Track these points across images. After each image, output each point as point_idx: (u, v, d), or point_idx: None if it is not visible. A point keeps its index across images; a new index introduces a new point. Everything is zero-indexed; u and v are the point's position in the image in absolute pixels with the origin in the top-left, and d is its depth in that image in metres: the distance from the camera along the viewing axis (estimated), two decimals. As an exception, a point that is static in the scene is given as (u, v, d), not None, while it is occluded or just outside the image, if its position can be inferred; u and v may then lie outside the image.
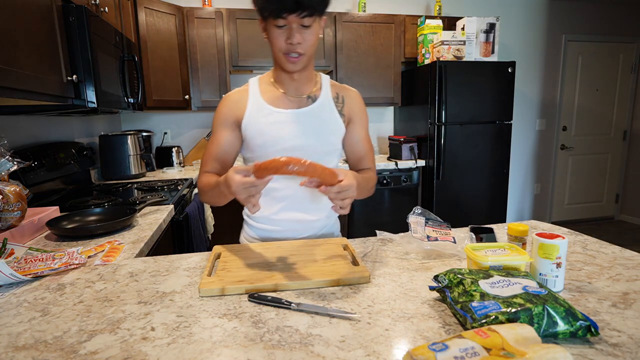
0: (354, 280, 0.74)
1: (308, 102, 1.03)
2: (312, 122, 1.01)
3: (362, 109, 1.09)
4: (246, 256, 0.88)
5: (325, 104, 1.04)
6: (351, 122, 1.07)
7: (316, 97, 1.03)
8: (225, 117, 1.02)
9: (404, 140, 2.98)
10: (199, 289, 0.71)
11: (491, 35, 2.85)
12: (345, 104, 1.06)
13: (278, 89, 1.02)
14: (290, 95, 1.02)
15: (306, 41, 0.90)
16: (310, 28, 0.89)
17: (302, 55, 0.92)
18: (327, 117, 1.03)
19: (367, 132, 1.12)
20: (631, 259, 0.83)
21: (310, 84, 1.04)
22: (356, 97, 1.09)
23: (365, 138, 1.10)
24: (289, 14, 0.85)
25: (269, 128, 0.99)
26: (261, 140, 1.00)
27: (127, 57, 1.97)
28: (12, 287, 0.78)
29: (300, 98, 1.02)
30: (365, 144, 1.11)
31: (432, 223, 0.96)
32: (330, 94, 1.05)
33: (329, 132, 1.03)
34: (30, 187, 1.50)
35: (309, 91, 1.04)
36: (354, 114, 1.07)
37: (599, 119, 4.07)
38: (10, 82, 0.97)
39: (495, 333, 0.48)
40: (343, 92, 1.07)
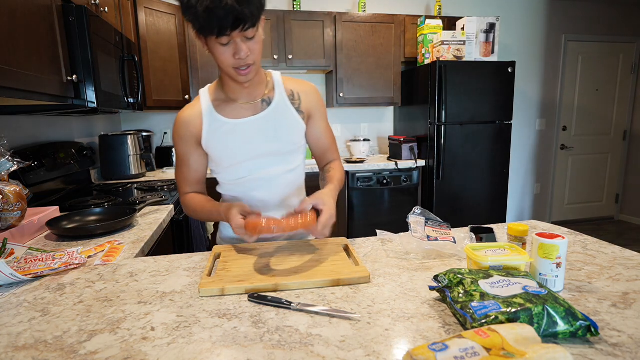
0: (354, 280, 0.74)
1: (263, 106, 1.00)
2: (270, 126, 0.99)
3: (319, 102, 1.07)
4: (246, 256, 0.88)
5: (281, 104, 1.01)
6: (311, 117, 1.06)
7: (271, 99, 1.00)
8: (184, 139, 1.00)
9: (404, 140, 2.98)
10: (199, 289, 0.71)
11: (491, 35, 2.85)
12: (302, 100, 1.03)
13: (230, 98, 0.99)
14: (243, 103, 0.99)
15: (253, 51, 0.87)
16: (254, 38, 0.85)
17: (252, 65, 0.89)
18: (285, 118, 1.00)
19: (327, 123, 1.11)
20: (631, 259, 0.83)
21: (261, 86, 1.00)
22: (312, 91, 1.06)
23: (326, 130, 1.10)
24: (231, 31, 0.80)
25: (229, 141, 0.98)
26: (223, 153, 0.99)
27: (127, 57, 1.97)
28: (12, 287, 0.78)
29: (255, 103, 0.99)
30: (328, 136, 1.10)
31: (432, 223, 0.96)
32: (285, 93, 1.02)
33: (290, 133, 1.01)
34: (30, 187, 1.50)
35: (262, 94, 1.00)
36: (312, 108, 1.05)
37: (599, 119, 4.07)
38: (10, 82, 0.97)
39: (495, 333, 0.48)
40: (298, 88, 1.04)
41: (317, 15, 2.87)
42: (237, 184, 1.04)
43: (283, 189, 1.05)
